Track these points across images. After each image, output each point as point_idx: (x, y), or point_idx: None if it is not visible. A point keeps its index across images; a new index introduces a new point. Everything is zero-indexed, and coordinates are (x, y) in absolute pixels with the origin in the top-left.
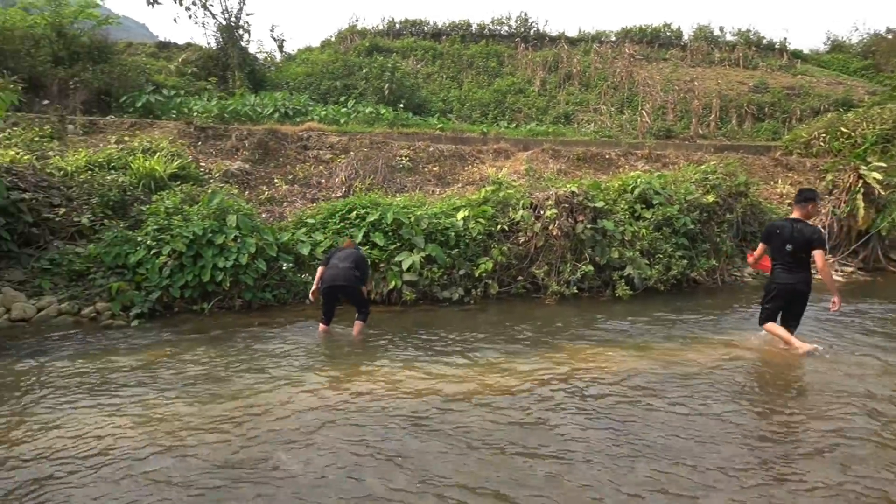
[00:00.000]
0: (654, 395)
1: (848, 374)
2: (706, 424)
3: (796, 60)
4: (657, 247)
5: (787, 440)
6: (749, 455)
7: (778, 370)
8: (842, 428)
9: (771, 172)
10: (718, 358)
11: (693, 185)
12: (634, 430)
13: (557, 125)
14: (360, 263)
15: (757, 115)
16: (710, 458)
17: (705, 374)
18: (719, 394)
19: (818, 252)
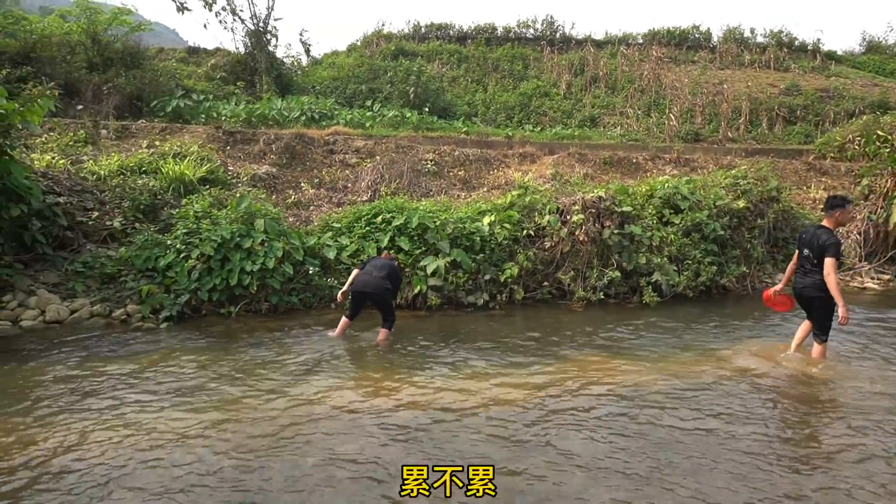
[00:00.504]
0: (661, 410)
1: (863, 388)
2: (706, 443)
3: (830, 62)
4: (686, 253)
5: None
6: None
7: (792, 384)
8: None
9: (803, 177)
10: (735, 370)
11: (723, 189)
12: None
13: (583, 129)
14: (393, 276)
15: (788, 118)
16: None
17: (718, 386)
18: (729, 409)
19: (828, 259)
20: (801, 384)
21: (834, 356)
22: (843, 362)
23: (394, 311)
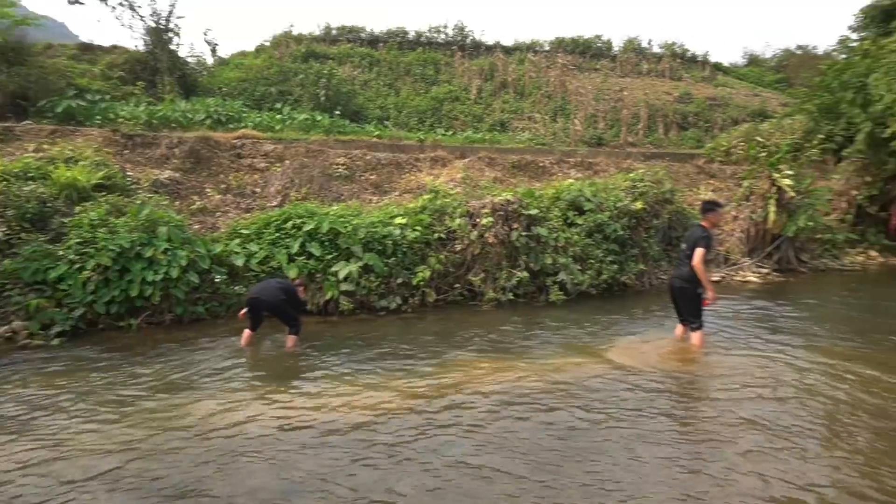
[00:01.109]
0: (537, 410)
1: (735, 379)
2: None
3: (717, 72)
4: (589, 252)
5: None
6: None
7: (667, 376)
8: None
9: (694, 179)
10: (620, 367)
11: (622, 192)
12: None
13: (493, 132)
14: (290, 291)
15: (682, 124)
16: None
17: (601, 382)
18: (606, 406)
19: (698, 249)
20: (676, 376)
21: (713, 345)
22: (720, 351)
23: (296, 317)
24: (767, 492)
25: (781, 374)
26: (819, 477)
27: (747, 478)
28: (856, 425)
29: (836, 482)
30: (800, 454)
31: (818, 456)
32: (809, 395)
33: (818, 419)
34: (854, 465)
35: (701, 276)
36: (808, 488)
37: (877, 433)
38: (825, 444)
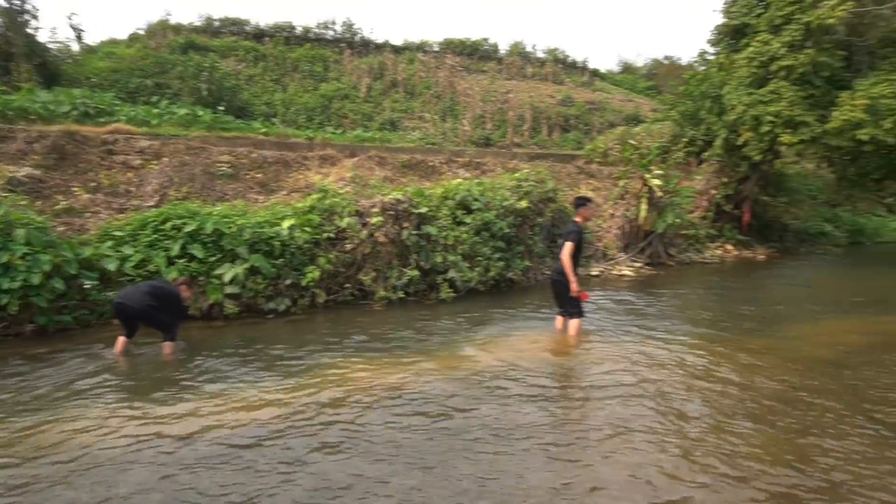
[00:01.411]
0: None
1: (607, 367)
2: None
3: (595, 78)
4: (477, 250)
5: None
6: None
7: (544, 368)
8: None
9: (575, 179)
10: (501, 360)
11: (508, 191)
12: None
13: (383, 131)
14: (164, 296)
15: (564, 127)
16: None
17: (480, 377)
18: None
19: (566, 243)
20: (552, 369)
21: (590, 335)
22: (595, 341)
23: (169, 323)
24: (639, 473)
25: (651, 361)
26: (687, 465)
27: (617, 462)
28: (720, 405)
29: (706, 467)
30: (666, 434)
31: (684, 437)
32: (676, 379)
33: (685, 403)
34: (717, 444)
35: (566, 269)
36: (675, 473)
37: (736, 409)
38: (693, 425)
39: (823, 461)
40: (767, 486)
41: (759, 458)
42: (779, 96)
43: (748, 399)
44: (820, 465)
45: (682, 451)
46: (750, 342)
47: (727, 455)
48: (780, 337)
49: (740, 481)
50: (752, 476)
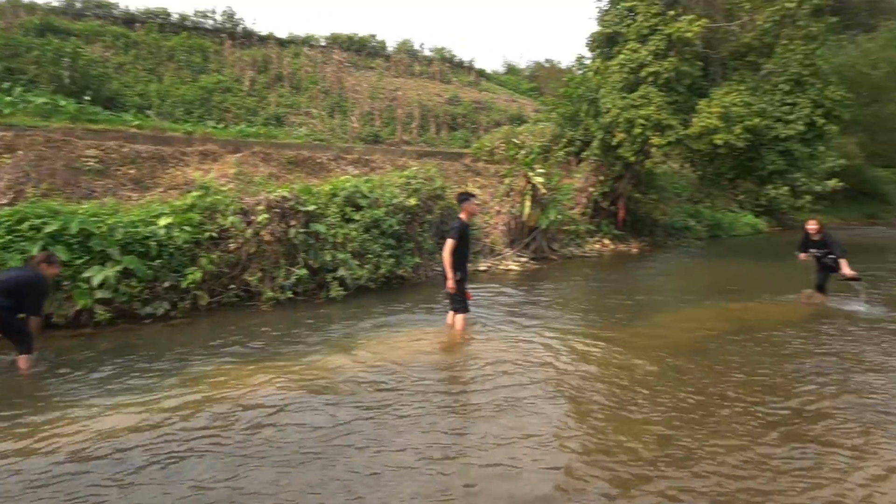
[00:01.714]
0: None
1: (493, 360)
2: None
3: (481, 78)
4: (367, 248)
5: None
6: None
7: (430, 364)
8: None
9: (463, 177)
10: (386, 360)
11: (397, 188)
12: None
13: (269, 127)
14: (19, 288)
15: (451, 125)
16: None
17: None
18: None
19: (447, 240)
20: (439, 365)
21: (478, 329)
22: (482, 336)
23: (23, 330)
24: (516, 464)
25: (530, 352)
26: (570, 455)
27: (502, 455)
28: (595, 392)
29: (589, 460)
30: (541, 426)
31: (565, 428)
32: (558, 369)
33: (566, 391)
34: (594, 429)
35: (445, 265)
36: (558, 465)
37: (607, 395)
38: (572, 413)
39: (685, 434)
40: (637, 463)
41: (631, 437)
42: (648, 101)
43: (620, 383)
44: (682, 439)
45: (557, 437)
46: (623, 331)
47: (602, 434)
48: (650, 325)
49: (616, 462)
50: (627, 457)
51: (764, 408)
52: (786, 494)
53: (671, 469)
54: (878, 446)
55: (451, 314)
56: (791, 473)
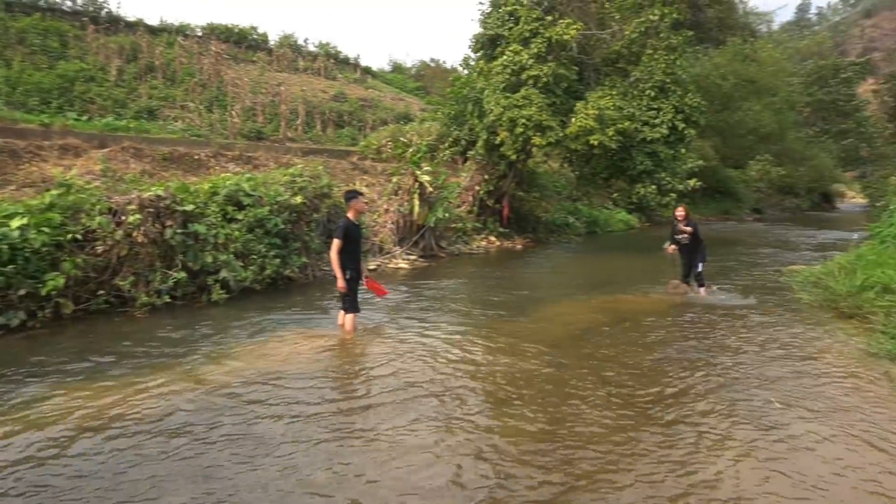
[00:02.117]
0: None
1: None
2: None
3: (367, 76)
4: (251, 248)
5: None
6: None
7: (315, 365)
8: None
9: (350, 175)
10: (259, 369)
11: (282, 187)
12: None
13: (140, 121)
14: None
15: (338, 122)
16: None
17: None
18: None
19: (334, 240)
20: (320, 369)
21: (364, 330)
22: (368, 335)
23: None
24: (399, 464)
25: (418, 353)
26: (453, 443)
27: (377, 454)
28: (477, 389)
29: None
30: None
31: (461, 428)
32: (441, 369)
33: (448, 391)
34: (481, 422)
35: (333, 264)
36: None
37: (487, 392)
38: (458, 409)
39: (569, 416)
40: (515, 456)
41: (510, 431)
42: (529, 102)
43: (501, 379)
44: (566, 422)
45: (449, 430)
46: (507, 326)
47: (483, 429)
48: (531, 319)
49: (504, 453)
50: (522, 447)
51: (634, 393)
52: (653, 477)
53: (546, 459)
54: (735, 426)
55: (342, 314)
56: (657, 455)
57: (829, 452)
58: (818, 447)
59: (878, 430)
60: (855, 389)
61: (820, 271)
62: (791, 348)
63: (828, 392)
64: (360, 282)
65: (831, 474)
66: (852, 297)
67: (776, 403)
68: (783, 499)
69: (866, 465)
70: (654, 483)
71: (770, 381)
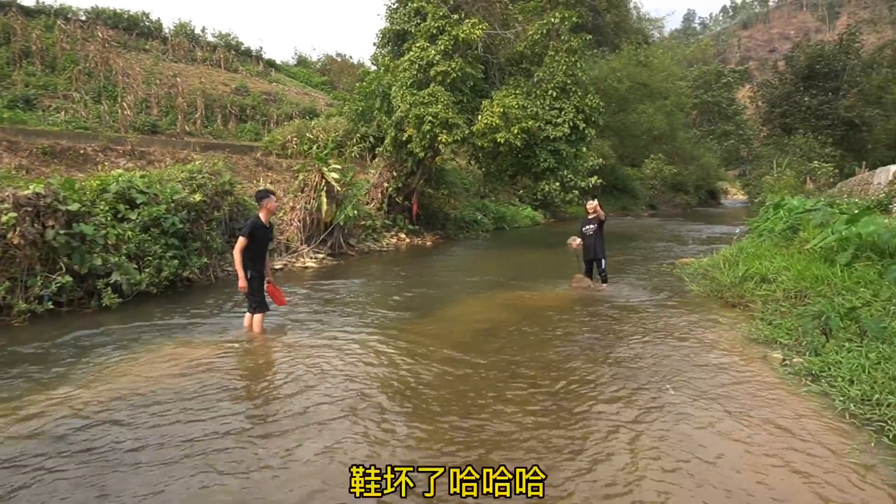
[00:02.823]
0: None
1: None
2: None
3: (271, 69)
4: (146, 249)
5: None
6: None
7: (230, 369)
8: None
9: (253, 171)
10: (153, 378)
11: (180, 184)
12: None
13: (15, 111)
14: None
15: (240, 117)
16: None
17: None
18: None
19: (240, 238)
20: (232, 375)
21: (268, 330)
22: (280, 332)
23: None
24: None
25: (321, 358)
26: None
27: (310, 466)
28: (383, 393)
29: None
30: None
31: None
32: (344, 374)
33: (350, 398)
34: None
35: (235, 264)
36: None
37: (393, 395)
38: (356, 419)
39: (482, 408)
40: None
41: (421, 435)
42: (436, 99)
43: (408, 381)
44: (480, 415)
45: (334, 449)
46: (415, 325)
47: (390, 435)
48: (437, 320)
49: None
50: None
51: (540, 387)
52: (559, 467)
53: (456, 449)
54: (636, 415)
55: (248, 315)
56: (560, 444)
57: (720, 428)
58: (709, 426)
59: (760, 409)
60: (739, 373)
61: (707, 264)
62: (684, 338)
63: (717, 378)
64: (263, 281)
65: (719, 450)
66: (735, 288)
67: (671, 390)
68: (674, 473)
69: (751, 439)
70: (565, 466)
71: (666, 368)
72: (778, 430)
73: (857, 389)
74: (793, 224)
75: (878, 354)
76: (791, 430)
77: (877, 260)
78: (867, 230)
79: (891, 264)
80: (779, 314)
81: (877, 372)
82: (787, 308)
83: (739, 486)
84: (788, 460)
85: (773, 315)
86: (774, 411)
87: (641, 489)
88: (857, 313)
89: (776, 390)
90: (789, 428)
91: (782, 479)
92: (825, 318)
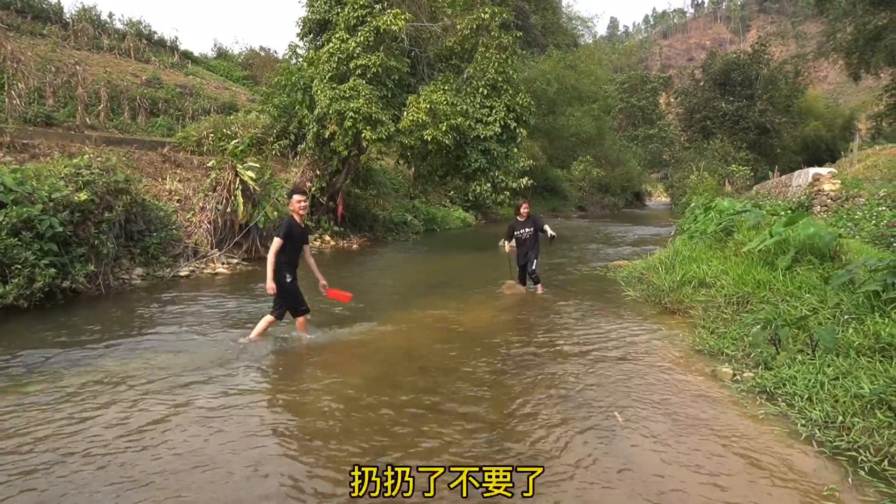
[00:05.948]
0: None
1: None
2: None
3: (187, 61)
4: (15, 256)
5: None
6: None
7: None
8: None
9: (160, 168)
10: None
11: (61, 180)
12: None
13: None
14: None
15: (151, 110)
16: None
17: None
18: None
19: (274, 239)
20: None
21: (169, 350)
22: (180, 353)
23: None
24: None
25: (228, 384)
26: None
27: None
28: (299, 424)
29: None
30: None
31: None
32: (254, 403)
33: (265, 432)
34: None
35: (269, 266)
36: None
37: (308, 428)
38: (272, 456)
39: (394, 447)
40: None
41: (334, 468)
42: (358, 93)
43: (327, 407)
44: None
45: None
46: (344, 336)
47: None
48: (360, 334)
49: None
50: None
51: (470, 408)
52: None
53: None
54: (572, 439)
55: (299, 320)
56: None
57: (662, 445)
58: (657, 442)
59: (727, 441)
60: (691, 396)
61: (642, 266)
62: (626, 353)
63: (660, 392)
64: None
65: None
66: (674, 293)
67: (618, 417)
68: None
69: (692, 451)
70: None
71: (605, 381)
72: (751, 466)
73: (818, 411)
74: (726, 226)
75: (834, 370)
76: (760, 463)
77: (818, 263)
78: (807, 232)
79: (834, 269)
80: (721, 322)
81: (836, 389)
82: (730, 315)
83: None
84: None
85: (716, 323)
86: (742, 445)
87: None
88: (806, 322)
89: (730, 414)
90: (759, 461)
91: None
92: (773, 328)
